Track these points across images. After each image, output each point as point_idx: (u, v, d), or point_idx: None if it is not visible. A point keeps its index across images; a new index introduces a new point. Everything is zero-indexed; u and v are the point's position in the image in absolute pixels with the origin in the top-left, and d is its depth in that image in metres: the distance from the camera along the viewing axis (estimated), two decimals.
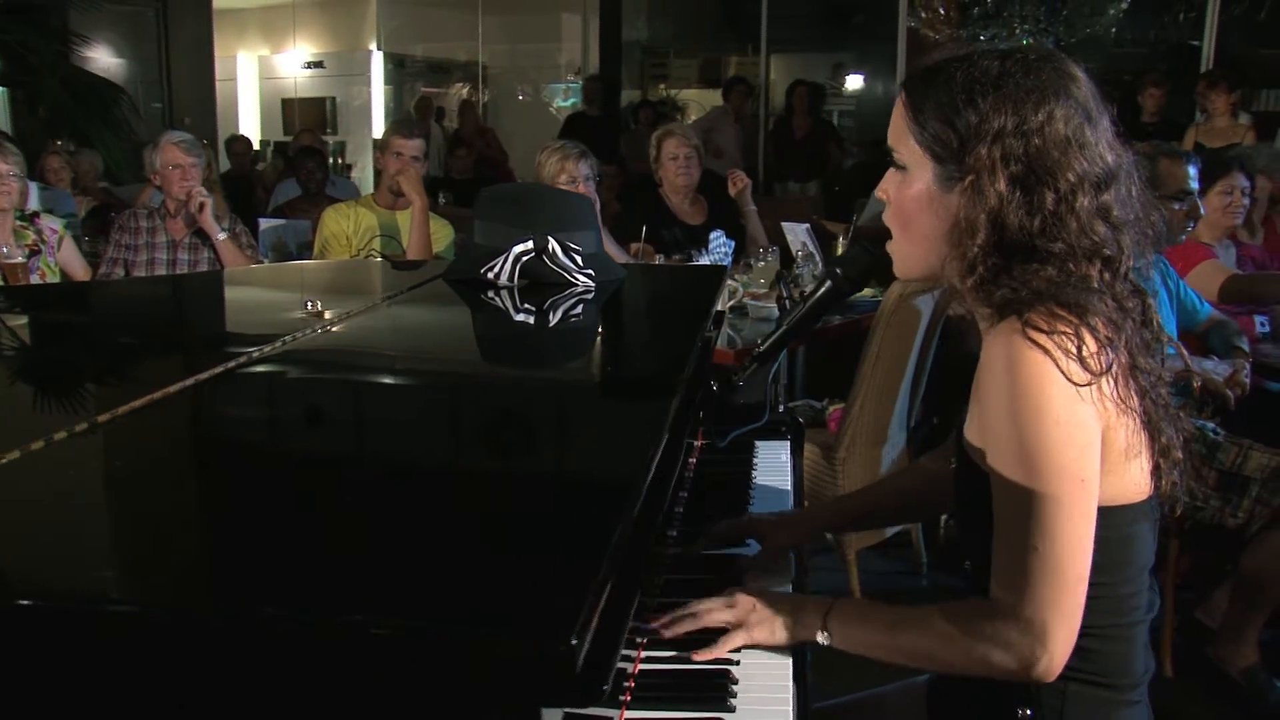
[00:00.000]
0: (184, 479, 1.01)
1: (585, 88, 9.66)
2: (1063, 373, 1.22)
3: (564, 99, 11.93)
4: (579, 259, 2.05)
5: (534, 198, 2.31)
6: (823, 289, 1.59)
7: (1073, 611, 1.24)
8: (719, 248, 4.34)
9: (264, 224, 4.92)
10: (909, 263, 1.43)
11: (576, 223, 2.12)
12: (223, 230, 4.16)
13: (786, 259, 4.52)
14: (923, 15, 9.76)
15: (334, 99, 11.88)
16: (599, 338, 1.80)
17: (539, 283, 2.04)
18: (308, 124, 10.80)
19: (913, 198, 1.37)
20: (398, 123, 4.56)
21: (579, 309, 1.93)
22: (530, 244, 2.04)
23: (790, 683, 1.29)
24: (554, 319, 1.87)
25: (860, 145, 9.74)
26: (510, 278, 2.04)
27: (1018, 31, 10.62)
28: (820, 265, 4.47)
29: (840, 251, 4.51)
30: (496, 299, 2.00)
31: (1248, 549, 2.95)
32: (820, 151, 8.61)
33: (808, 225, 4.52)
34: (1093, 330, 1.24)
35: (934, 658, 1.33)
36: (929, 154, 1.34)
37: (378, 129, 11.76)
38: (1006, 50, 1.34)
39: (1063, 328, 1.23)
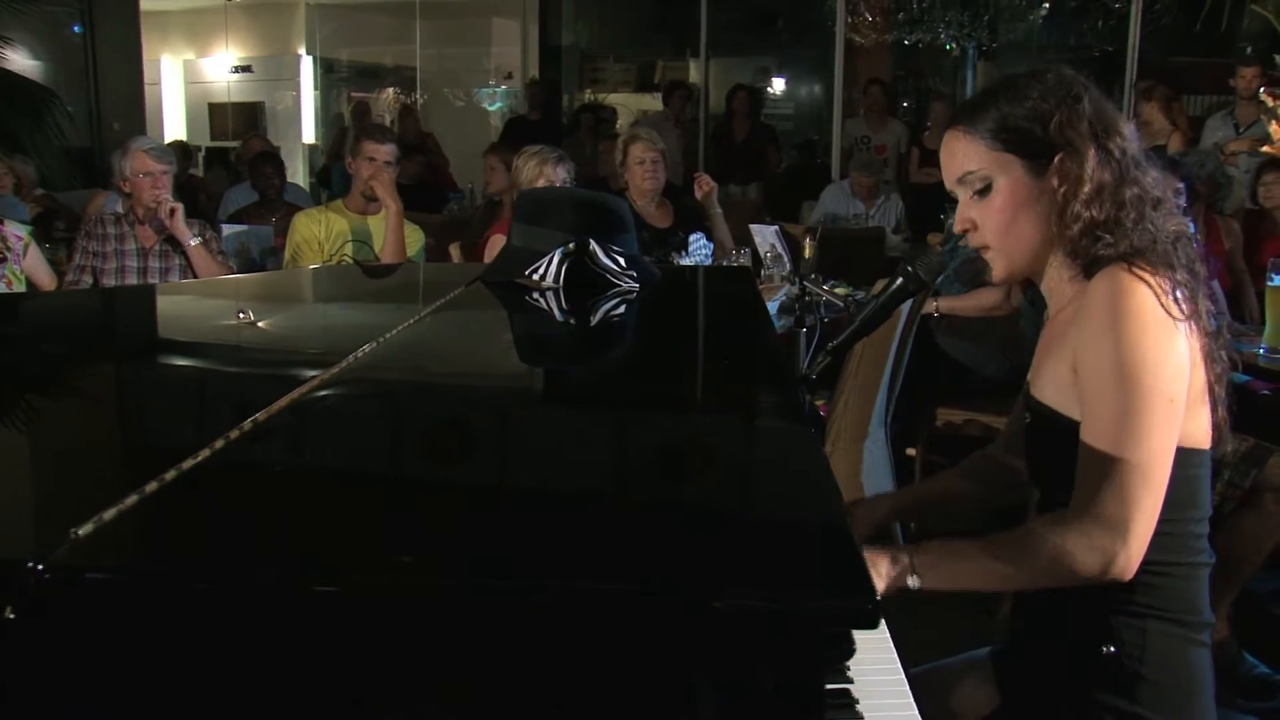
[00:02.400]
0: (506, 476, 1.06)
1: (528, 92, 9.66)
2: (1162, 305, 1.39)
3: (490, 103, 11.95)
4: (622, 260, 2.11)
5: (572, 201, 2.36)
6: (895, 286, 1.68)
7: (1151, 511, 1.38)
8: (699, 249, 4.42)
9: (226, 230, 4.88)
10: (1015, 264, 1.56)
11: (614, 225, 2.18)
12: (194, 237, 4.13)
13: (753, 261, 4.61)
14: (849, 20, 9.95)
15: (263, 104, 11.73)
16: (698, 345, 1.86)
17: (584, 284, 2.09)
18: (239, 129, 10.67)
19: (1006, 204, 1.52)
20: (368, 128, 4.57)
21: (660, 313, 2.00)
22: (572, 246, 2.10)
23: (894, 651, 1.37)
24: (643, 325, 1.94)
25: (797, 147, 9.94)
26: (556, 279, 2.09)
27: (942, 36, 10.91)
28: (789, 266, 4.58)
29: (808, 254, 4.63)
30: (540, 301, 2.05)
31: (1220, 530, 3.11)
32: (760, 154, 8.74)
33: (776, 227, 4.62)
34: (1179, 285, 1.42)
35: (1021, 571, 1.44)
36: (1014, 153, 1.50)
37: (308, 134, 11.65)
38: (1021, 73, 1.55)
39: (1163, 273, 1.42)
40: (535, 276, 2.10)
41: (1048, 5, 10.29)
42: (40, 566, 0.76)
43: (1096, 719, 1.48)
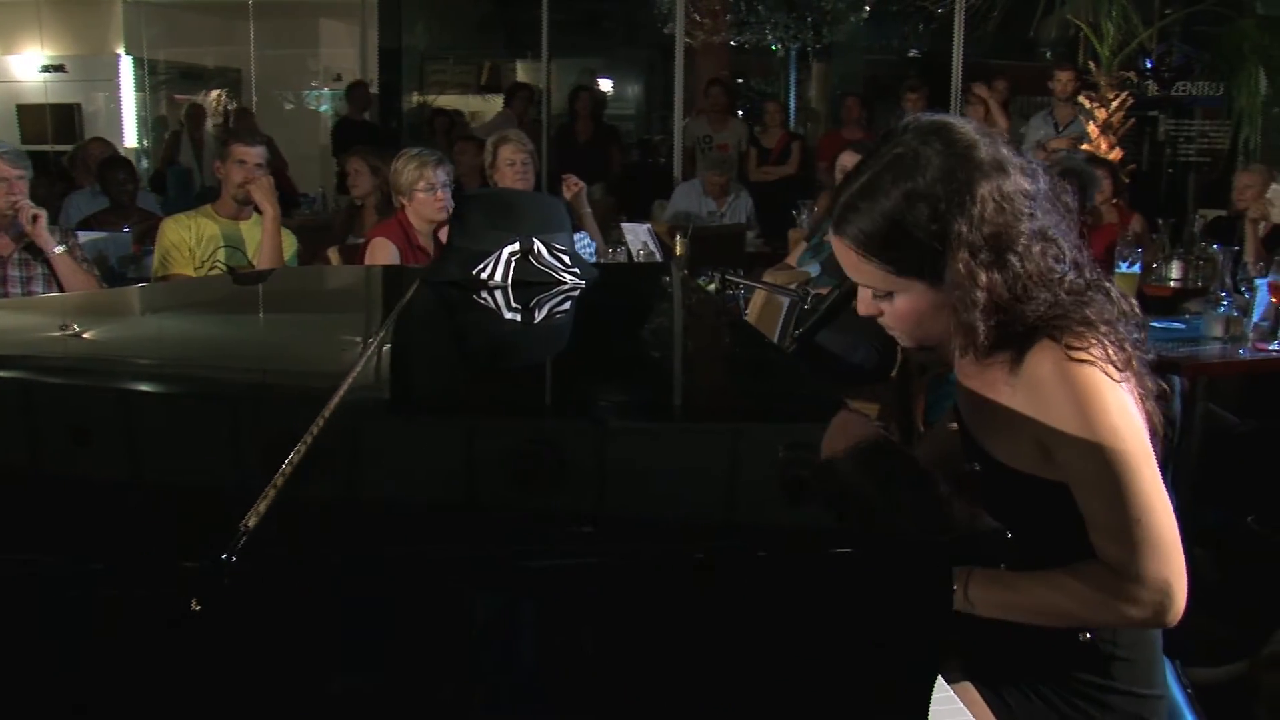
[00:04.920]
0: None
1: (352, 94, 9.50)
2: (1108, 375, 1.45)
3: (318, 105, 11.75)
4: (566, 258, 2.19)
5: (513, 201, 2.42)
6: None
7: (1182, 562, 1.46)
8: (583, 248, 4.49)
9: (83, 236, 4.70)
10: (922, 342, 1.60)
11: (553, 224, 2.25)
12: (58, 245, 3.98)
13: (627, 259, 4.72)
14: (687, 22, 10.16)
15: (79, 105, 11.19)
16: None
17: (529, 282, 2.16)
18: (56, 132, 10.17)
19: (913, 311, 1.53)
20: (238, 130, 4.50)
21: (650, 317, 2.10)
22: (517, 245, 2.16)
23: None
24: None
25: (638, 147, 10.14)
26: (504, 278, 2.15)
27: (769, 37, 11.28)
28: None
29: (679, 251, 4.77)
30: (489, 300, 2.11)
31: None
32: (603, 155, 8.85)
33: (648, 226, 4.75)
34: (1104, 338, 1.48)
35: (1070, 615, 1.52)
36: (912, 276, 1.49)
37: (130, 137, 11.18)
38: (899, 157, 1.47)
39: (1091, 339, 1.46)
40: (483, 276, 2.15)
41: (869, 9, 10.76)
42: (234, 559, 0.80)
43: (1075, 692, 1.62)
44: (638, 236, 4.71)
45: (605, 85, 10.85)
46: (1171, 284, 4.60)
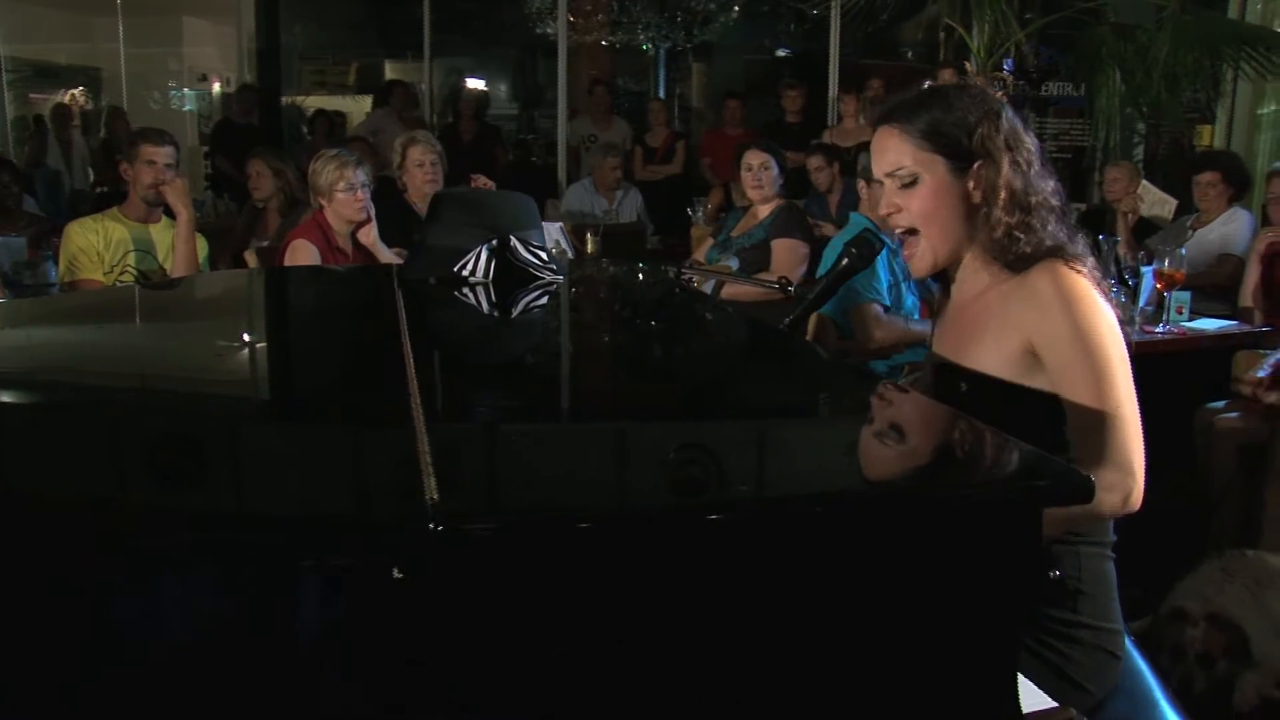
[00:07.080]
0: None
1: (239, 96, 9.31)
2: (1097, 290, 1.71)
3: (182, 105, 11.44)
4: (542, 254, 2.27)
5: (486, 200, 2.49)
6: (841, 265, 1.94)
7: (1141, 446, 1.67)
8: None
9: None
10: (939, 254, 1.82)
11: (526, 222, 2.33)
12: None
13: None
14: (570, 20, 10.21)
15: None
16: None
17: (511, 277, 2.23)
18: None
19: (929, 197, 1.78)
20: (144, 130, 4.33)
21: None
22: (495, 242, 2.24)
23: None
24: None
25: (519, 146, 10.17)
26: (485, 274, 2.22)
27: (641, 36, 11.41)
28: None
29: (591, 248, 4.87)
30: (469, 296, 2.18)
31: None
32: (487, 154, 8.85)
33: (560, 224, 4.83)
34: (1093, 270, 1.76)
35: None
36: (939, 153, 1.76)
37: None
38: (949, 84, 1.90)
39: (1085, 264, 1.74)
40: (465, 272, 2.22)
41: (738, 9, 10.97)
42: (440, 527, 0.86)
43: (1046, 630, 1.78)
44: (550, 234, 4.78)
45: (479, 84, 10.85)
46: None
